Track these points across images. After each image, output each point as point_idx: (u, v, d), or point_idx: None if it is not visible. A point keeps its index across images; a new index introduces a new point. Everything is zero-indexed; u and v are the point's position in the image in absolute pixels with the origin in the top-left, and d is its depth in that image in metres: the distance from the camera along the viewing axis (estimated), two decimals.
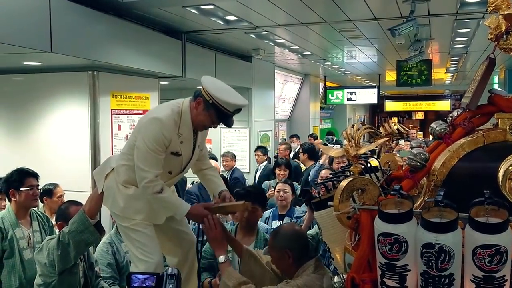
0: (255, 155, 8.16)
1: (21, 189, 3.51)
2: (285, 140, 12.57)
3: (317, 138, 11.62)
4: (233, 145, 9.33)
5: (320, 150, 6.73)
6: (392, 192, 1.69)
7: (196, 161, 2.77)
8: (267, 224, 4.18)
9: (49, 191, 4.56)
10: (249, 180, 8.39)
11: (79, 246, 2.63)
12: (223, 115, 2.49)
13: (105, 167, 2.74)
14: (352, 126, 1.87)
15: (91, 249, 3.27)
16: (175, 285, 1.71)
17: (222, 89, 2.51)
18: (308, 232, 2.96)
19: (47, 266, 2.69)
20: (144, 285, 1.75)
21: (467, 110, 2.10)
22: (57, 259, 2.64)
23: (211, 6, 5.47)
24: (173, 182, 2.76)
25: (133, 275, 1.76)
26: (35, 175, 3.66)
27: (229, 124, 2.55)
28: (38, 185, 3.71)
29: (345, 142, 1.96)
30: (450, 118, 2.26)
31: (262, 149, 8.11)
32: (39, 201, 4.12)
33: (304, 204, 4.05)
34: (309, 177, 5.89)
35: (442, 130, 2.07)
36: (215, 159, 6.84)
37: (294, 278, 2.37)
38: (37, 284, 2.77)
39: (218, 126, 2.60)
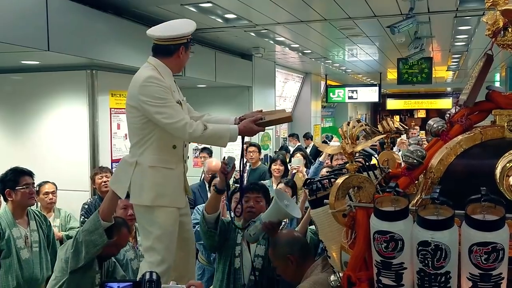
0: (200, 157, 6.97)
1: (16, 188, 3.51)
2: (286, 139, 12.55)
3: (312, 138, 11.60)
4: (233, 143, 9.29)
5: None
6: (388, 190, 1.67)
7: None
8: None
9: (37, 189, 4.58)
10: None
11: (88, 246, 2.63)
12: (189, 44, 2.77)
13: (119, 173, 2.77)
14: (348, 123, 1.85)
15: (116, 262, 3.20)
16: None
17: (170, 28, 2.74)
18: (311, 227, 2.95)
19: (63, 262, 2.72)
20: None
21: (465, 107, 2.08)
22: (70, 256, 2.67)
23: (210, 4, 5.46)
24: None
25: (107, 284, 1.68)
26: (30, 174, 3.65)
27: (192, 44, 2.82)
28: (34, 183, 3.70)
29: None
30: (448, 115, 2.24)
31: (207, 150, 6.90)
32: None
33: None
34: (309, 175, 5.87)
35: (439, 127, 2.05)
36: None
37: (303, 279, 2.38)
38: (51, 279, 2.81)
39: None
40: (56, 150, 5.53)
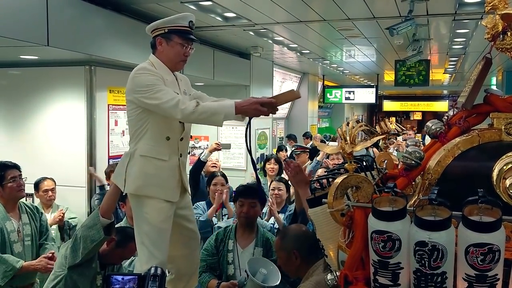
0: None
1: (3, 183, 3.53)
2: (282, 138, 12.55)
3: (311, 138, 11.60)
4: (230, 142, 9.30)
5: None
6: (386, 190, 1.68)
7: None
8: (262, 219, 4.17)
9: (36, 185, 4.58)
10: None
11: (85, 241, 2.65)
12: (183, 33, 2.69)
13: (118, 166, 2.75)
14: (347, 124, 1.86)
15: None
16: (158, 286, 1.64)
17: (164, 18, 2.71)
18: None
19: (63, 258, 2.75)
20: (126, 286, 1.68)
21: (463, 109, 2.10)
22: (69, 251, 2.69)
23: (210, 3, 5.46)
24: (186, 137, 2.81)
25: (112, 276, 1.70)
26: (16, 167, 3.65)
27: (193, 39, 2.73)
28: (21, 175, 3.68)
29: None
30: (446, 117, 2.26)
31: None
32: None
33: None
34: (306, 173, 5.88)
35: (437, 129, 2.06)
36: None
37: (304, 279, 2.37)
38: (51, 273, 2.84)
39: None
40: (53, 145, 5.52)
